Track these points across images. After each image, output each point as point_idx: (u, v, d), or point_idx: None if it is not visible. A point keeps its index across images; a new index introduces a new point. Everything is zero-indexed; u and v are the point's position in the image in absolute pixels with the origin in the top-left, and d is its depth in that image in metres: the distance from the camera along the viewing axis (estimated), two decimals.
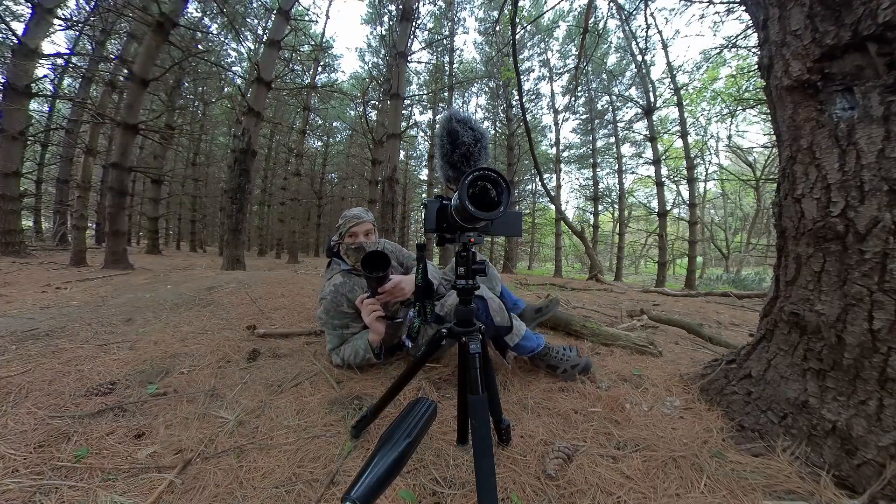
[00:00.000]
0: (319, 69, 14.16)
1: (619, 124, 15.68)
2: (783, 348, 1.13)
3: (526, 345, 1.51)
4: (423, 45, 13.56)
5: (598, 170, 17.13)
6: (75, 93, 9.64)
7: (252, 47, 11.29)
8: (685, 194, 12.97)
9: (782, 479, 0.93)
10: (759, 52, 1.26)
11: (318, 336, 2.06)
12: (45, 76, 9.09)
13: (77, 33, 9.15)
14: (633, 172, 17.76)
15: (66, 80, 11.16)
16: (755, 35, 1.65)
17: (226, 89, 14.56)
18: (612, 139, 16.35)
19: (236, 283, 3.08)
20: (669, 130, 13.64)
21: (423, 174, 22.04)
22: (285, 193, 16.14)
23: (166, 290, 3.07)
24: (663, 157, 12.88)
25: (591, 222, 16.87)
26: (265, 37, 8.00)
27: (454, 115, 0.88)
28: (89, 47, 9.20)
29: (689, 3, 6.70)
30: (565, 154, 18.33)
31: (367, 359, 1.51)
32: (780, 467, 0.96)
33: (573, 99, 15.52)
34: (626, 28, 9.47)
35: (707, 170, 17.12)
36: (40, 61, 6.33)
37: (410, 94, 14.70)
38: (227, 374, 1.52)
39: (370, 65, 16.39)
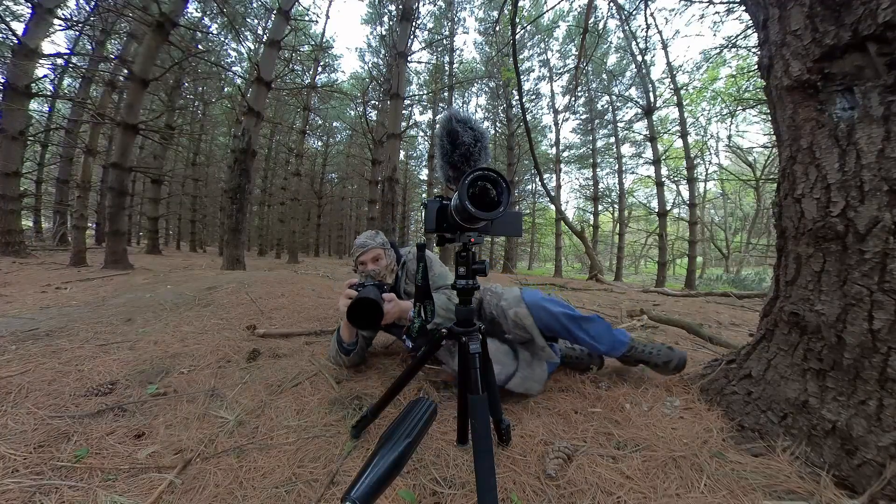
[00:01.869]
0: (319, 69, 14.16)
1: (619, 124, 15.68)
2: (783, 348, 1.13)
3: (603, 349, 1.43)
4: (423, 45, 13.57)
5: (598, 170, 17.14)
6: (75, 93, 9.65)
7: (252, 47, 11.30)
8: (685, 194, 12.98)
9: (782, 479, 0.93)
10: (759, 52, 1.26)
11: (317, 336, 2.06)
12: (45, 76, 9.10)
13: (77, 33, 9.16)
14: (633, 172, 17.78)
15: (66, 80, 11.17)
16: (755, 35, 1.65)
17: (226, 89, 14.58)
18: (612, 139, 16.36)
19: (236, 283, 3.08)
20: (669, 130, 13.65)
21: (423, 174, 22.07)
22: (285, 193, 16.15)
23: (166, 290, 3.07)
24: (663, 157, 12.88)
25: (591, 222, 16.87)
26: (265, 37, 8.00)
27: (454, 115, 0.88)
28: (89, 47, 9.21)
29: (689, 3, 6.70)
30: (565, 154, 18.34)
31: (338, 353, 1.52)
32: (780, 467, 0.96)
33: (573, 99, 15.52)
34: (626, 28, 9.47)
35: (707, 170, 17.14)
36: (40, 61, 6.32)
37: (410, 94, 14.71)
38: (227, 374, 1.52)
39: (370, 65, 16.41)
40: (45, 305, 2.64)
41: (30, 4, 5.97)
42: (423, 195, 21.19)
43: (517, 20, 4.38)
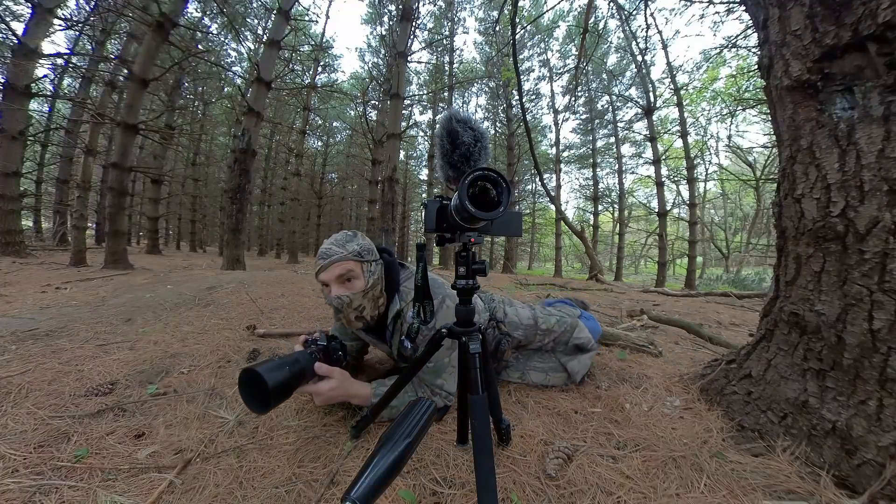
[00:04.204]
0: (319, 69, 14.18)
1: (619, 124, 15.69)
2: (783, 348, 1.13)
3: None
4: (423, 45, 13.58)
5: (598, 170, 17.15)
6: (75, 93, 9.65)
7: (252, 47, 11.30)
8: (685, 194, 12.99)
9: (782, 479, 0.93)
10: (759, 52, 1.26)
11: None
12: (45, 76, 9.10)
13: (77, 33, 9.17)
14: (633, 172, 17.79)
15: (66, 80, 11.17)
16: (755, 35, 1.65)
17: (226, 89, 14.59)
18: (612, 139, 16.36)
19: (236, 283, 3.08)
20: (669, 130, 13.65)
21: (423, 174, 22.06)
22: (285, 193, 16.16)
23: (166, 290, 3.07)
24: (663, 157, 12.88)
25: (591, 222, 16.87)
26: (265, 37, 8.00)
27: (454, 115, 0.88)
28: (89, 47, 9.21)
29: (689, 3, 6.70)
30: (565, 154, 18.35)
31: None
32: (780, 467, 0.96)
33: (573, 99, 15.52)
34: (626, 28, 9.47)
35: (707, 170, 17.15)
36: (40, 61, 6.32)
37: (410, 94, 14.71)
38: (227, 374, 1.52)
39: (370, 65, 16.42)
40: (45, 305, 2.64)
41: (30, 4, 5.97)
42: (423, 195, 21.20)
43: (517, 20, 4.38)
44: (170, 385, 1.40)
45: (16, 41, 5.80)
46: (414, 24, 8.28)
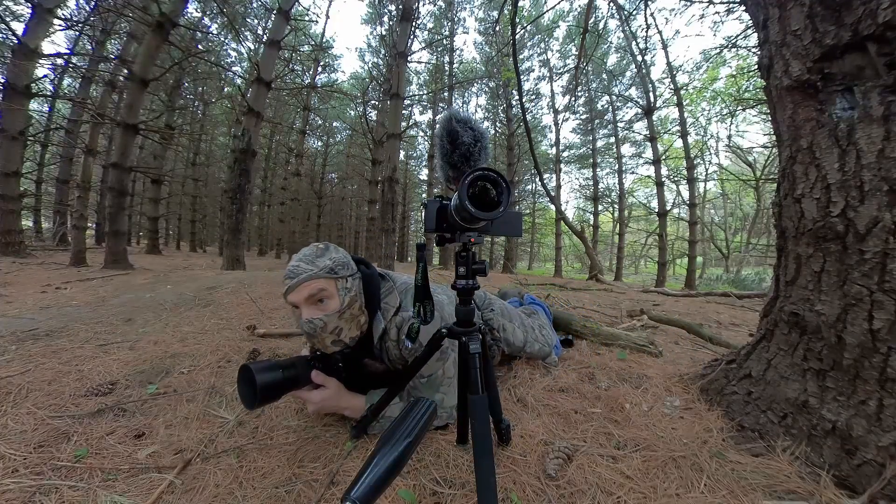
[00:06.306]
0: (319, 69, 14.20)
1: (619, 124, 15.68)
2: (783, 348, 1.13)
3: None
4: (423, 45, 13.59)
5: (598, 170, 17.14)
6: (75, 93, 9.65)
7: (252, 47, 11.31)
8: (685, 194, 12.98)
9: (782, 479, 0.93)
10: (759, 52, 1.26)
11: None
12: (45, 76, 9.10)
13: (77, 33, 9.16)
14: (633, 172, 17.77)
15: (66, 80, 11.17)
16: (755, 35, 1.65)
17: (226, 89, 14.58)
18: (612, 139, 16.35)
19: (236, 283, 3.08)
20: (669, 130, 13.65)
21: (423, 174, 22.07)
22: (285, 193, 16.18)
23: (166, 290, 3.07)
24: (663, 157, 12.88)
25: (591, 222, 16.86)
26: (265, 37, 8.01)
27: (454, 115, 0.87)
28: (89, 47, 9.21)
29: (689, 3, 6.70)
30: (565, 154, 18.34)
31: None
32: (780, 467, 0.96)
33: (573, 99, 15.52)
34: (626, 28, 9.47)
35: (707, 170, 17.13)
36: (40, 61, 6.32)
37: (410, 94, 14.72)
38: (227, 374, 1.52)
39: (370, 65, 16.43)
40: (45, 305, 2.64)
41: (30, 4, 5.97)
42: (423, 195, 21.20)
43: (517, 20, 4.38)
44: (170, 385, 1.40)
45: (16, 41, 5.80)
46: (414, 24, 8.28)
